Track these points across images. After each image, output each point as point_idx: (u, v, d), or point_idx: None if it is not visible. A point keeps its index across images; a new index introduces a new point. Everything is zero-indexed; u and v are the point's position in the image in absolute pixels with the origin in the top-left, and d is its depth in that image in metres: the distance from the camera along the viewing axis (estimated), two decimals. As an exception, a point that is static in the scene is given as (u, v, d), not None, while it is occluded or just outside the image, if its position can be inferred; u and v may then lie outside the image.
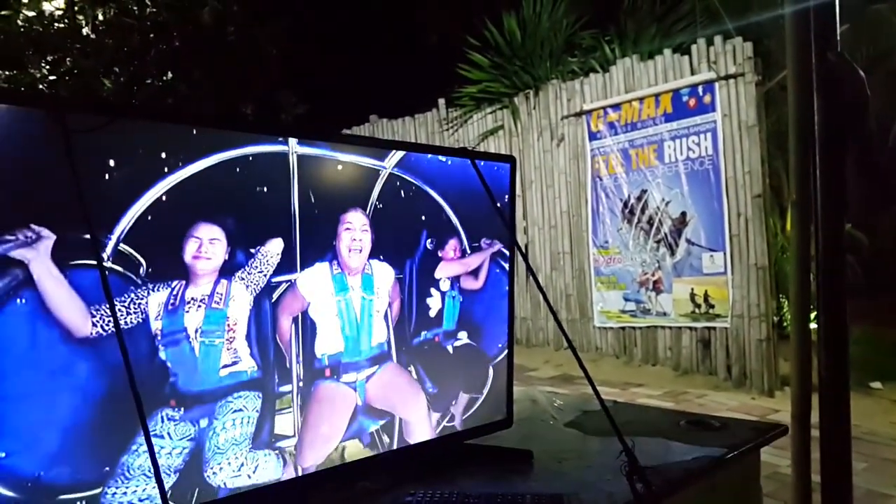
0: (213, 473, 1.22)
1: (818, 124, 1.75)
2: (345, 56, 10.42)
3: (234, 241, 1.24)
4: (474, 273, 1.68)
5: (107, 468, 1.11)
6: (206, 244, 1.20)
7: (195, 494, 1.20)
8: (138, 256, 1.13)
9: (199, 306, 1.20)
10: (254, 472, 1.28)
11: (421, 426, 1.58)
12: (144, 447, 1.03)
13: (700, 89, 5.66)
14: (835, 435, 1.81)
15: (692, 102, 5.72)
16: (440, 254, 1.61)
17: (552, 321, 6.92)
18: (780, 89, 5.50)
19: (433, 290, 1.60)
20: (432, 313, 1.60)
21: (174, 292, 1.17)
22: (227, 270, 1.24)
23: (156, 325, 1.15)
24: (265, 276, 1.29)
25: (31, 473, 1.03)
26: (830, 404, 1.79)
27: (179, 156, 1.17)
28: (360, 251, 1.44)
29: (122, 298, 1.11)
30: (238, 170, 1.24)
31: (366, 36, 10.37)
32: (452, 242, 1.63)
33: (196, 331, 1.20)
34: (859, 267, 6.42)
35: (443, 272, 1.61)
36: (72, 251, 1.05)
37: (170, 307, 1.17)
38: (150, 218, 1.13)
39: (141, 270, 1.13)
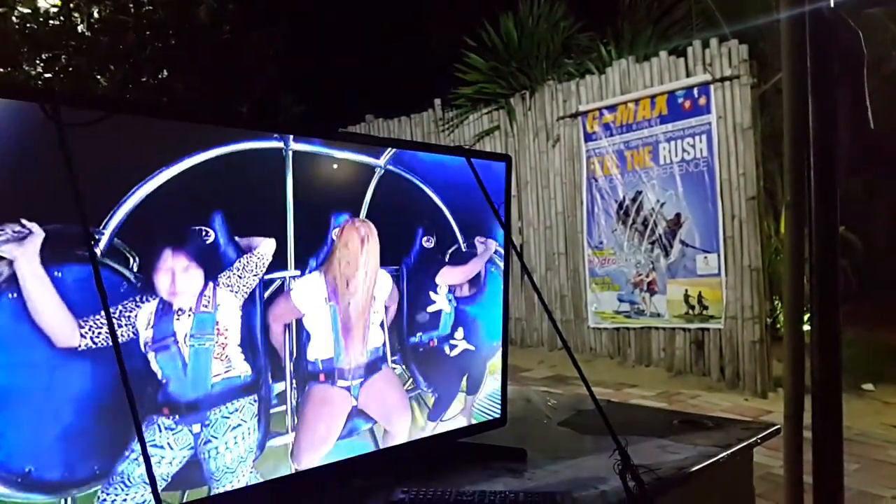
0: (213, 479, 1.22)
1: (812, 127, 1.76)
2: (341, 56, 10.40)
3: (226, 239, 1.23)
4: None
5: (101, 475, 1.09)
6: (201, 242, 1.19)
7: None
8: (130, 252, 1.11)
9: (189, 312, 1.18)
10: (254, 478, 1.28)
11: (415, 424, 1.58)
12: (141, 458, 1.03)
13: (695, 91, 5.67)
14: (827, 436, 1.82)
15: (687, 104, 5.73)
16: (439, 256, 1.60)
17: (546, 322, 6.92)
18: (775, 92, 5.52)
19: (429, 288, 1.60)
20: (428, 311, 1.60)
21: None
22: (216, 270, 1.21)
23: (146, 333, 1.13)
24: (257, 276, 1.27)
25: (21, 470, 1.02)
26: (823, 405, 1.80)
27: (173, 152, 1.16)
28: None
29: (115, 295, 1.10)
30: (232, 166, 1.23)
31: (362, 36, 10.37)
32: (448, 241, 1.63)
33: (185, 336, 1.17)
34: (853, 270, 6.45)
35: (443, 279, 1.61)
36: (63, 248, 1.04)
37: (160, 310, 1.15)
38: (141, 213, 1.12)
39: (133, 266, 1.12)
